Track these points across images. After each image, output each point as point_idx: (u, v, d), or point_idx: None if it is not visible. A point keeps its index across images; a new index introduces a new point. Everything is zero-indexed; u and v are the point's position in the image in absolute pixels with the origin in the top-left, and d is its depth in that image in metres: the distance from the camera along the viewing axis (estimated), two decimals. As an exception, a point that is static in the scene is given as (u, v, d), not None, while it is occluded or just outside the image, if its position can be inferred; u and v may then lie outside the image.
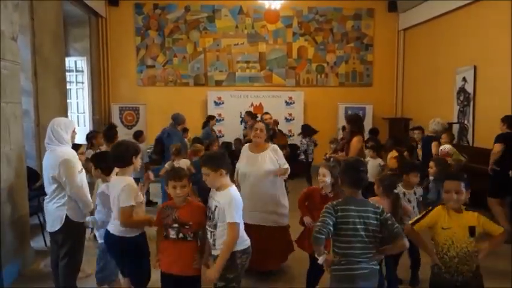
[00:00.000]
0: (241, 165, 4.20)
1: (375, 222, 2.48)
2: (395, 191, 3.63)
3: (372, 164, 5.81)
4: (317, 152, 8.12)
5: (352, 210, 2.47)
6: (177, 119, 7.08)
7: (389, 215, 2.56)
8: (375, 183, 3.53)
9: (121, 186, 2.88)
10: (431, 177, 4.68)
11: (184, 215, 2.81)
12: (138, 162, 3.04)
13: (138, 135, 7.36)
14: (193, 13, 10.40)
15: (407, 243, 2.54)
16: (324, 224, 2.42)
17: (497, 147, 5.33)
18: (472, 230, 2.72)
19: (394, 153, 6.35)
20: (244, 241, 2.78)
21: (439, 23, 8.86)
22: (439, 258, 2.71)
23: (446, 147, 5.72)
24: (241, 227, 2.73)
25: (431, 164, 4.73)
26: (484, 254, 2.67)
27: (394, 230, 2.49)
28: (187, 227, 2.80)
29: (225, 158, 2.82)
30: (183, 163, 5.39)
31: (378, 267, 2.57)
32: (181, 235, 2.81)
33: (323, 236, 2.40)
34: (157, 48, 10.41)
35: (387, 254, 2.71)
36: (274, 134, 6.36)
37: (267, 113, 6.57)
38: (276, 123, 8.25)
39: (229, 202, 2.65)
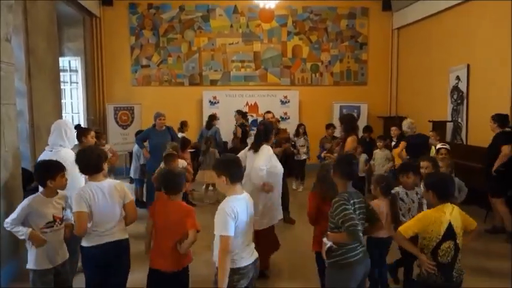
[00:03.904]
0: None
1: (365, 210, 2.77)
2: (393, 191, 3.72)
3: (360, 160, 6.52)
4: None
5: (355, 203, 2.70)
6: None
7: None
8: (364, 178, 3.68)
9: (122, 184, 3.05)
10: None
11: None
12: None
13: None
14: (188, 13, 10.39)
15: (383, 224, 3.00)
16: (357, 221, 2.60)
17: (507, 150, 5.16)
18: None
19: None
20: (235, 260, 2.54)
21: (432, 22, 8.91)
22: None
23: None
24: (232, 241, 2.47)
25: (427, 163, 4.76)
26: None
27: (374, 213, 2.87)
28: None
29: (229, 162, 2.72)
30: (180, 163, 5.41)
31: (365, 248, 2.83)
32: None
33: (361, 234, 2.64)
34: (152, 47, 10.39)
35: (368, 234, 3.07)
36: (277, 131, 6.40)
37: (269, 112, 6.60)
38: (277, 121, 8.45)
39: (217, 212, 2.54)
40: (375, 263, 3.61)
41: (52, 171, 3.04)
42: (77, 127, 4.49)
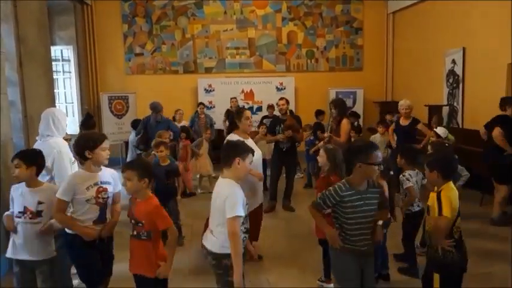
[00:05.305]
0: None
1: (375, 201, 2.62)
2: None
3: None
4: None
5: (355, 194, 2.58)
6: (157, 107, 6.94)
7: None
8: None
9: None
10: None
11: (138, 212, 2.67)
12: (99, 155, 2.83)
13: (137, 124, 7.28)
14: (181, -1, 10.25)
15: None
16: (323, 203, 2.66)
17: None
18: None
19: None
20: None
21: (427, 5, 8.83)
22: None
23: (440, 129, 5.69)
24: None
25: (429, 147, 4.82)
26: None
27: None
28: (140, 225, 2.65)
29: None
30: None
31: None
32: (135, 232, 2.68)
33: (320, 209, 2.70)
34: (145, 35, 10.26)
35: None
36: (285, 119, 6.29)
37: (282, 99, 6.44)
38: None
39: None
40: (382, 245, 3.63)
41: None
42: (87, 115, 4.45)
